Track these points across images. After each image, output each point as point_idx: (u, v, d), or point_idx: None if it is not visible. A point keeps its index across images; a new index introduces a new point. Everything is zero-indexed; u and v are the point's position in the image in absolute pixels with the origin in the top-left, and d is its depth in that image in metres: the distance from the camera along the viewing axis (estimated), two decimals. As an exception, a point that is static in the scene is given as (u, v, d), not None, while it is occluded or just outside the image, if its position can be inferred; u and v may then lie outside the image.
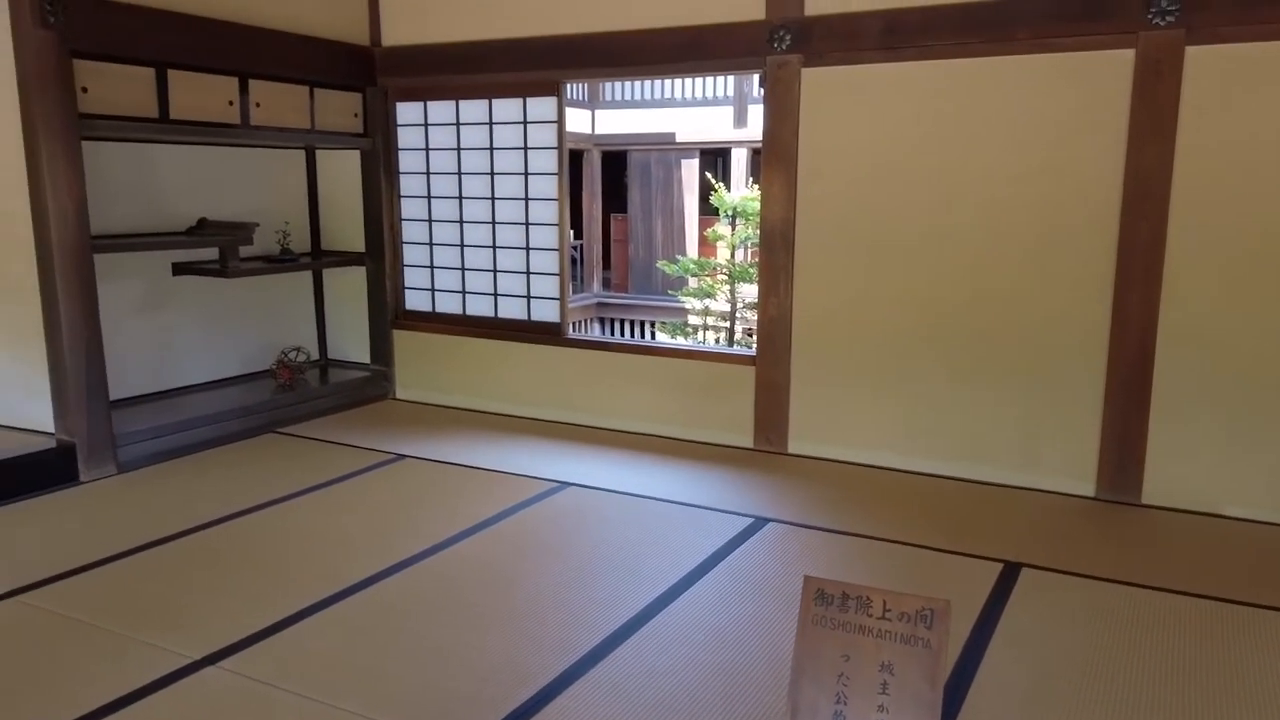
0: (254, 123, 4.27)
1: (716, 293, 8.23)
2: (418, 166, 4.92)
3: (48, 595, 2.67)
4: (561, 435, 4.40)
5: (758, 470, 3.89)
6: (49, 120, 3.45)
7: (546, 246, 4.64)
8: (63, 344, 3.59)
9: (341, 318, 5.29)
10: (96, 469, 3.72)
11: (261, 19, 4.23)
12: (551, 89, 4.46)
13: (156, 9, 3.78)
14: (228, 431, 4.28)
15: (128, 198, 4.25)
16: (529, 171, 4.61)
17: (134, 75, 3.77)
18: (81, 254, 3.60)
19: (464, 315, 4.93)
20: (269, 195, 4.95)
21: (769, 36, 3.81)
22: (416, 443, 4.24)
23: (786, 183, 3.90)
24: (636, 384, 4.43)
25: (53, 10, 3.39)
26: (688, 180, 12.20)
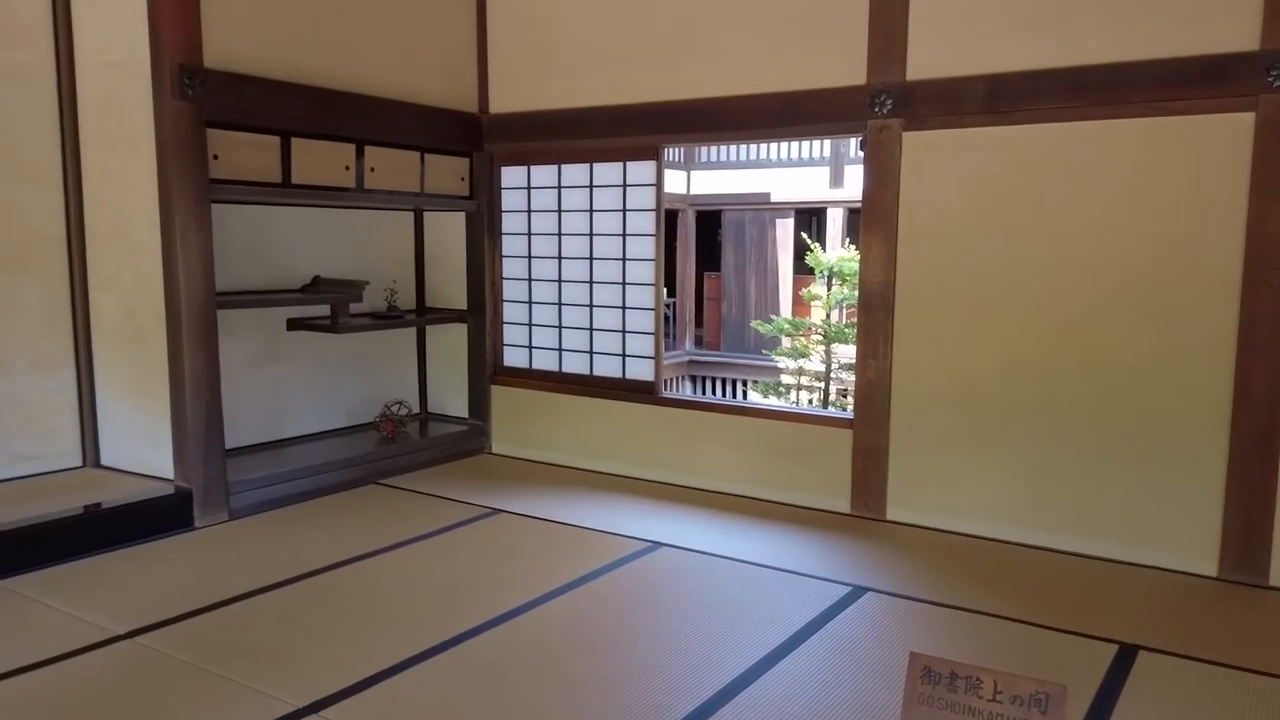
0: (368, 186, 4.48)
1: (811, 353, 8.16)
2: (520, 228, 5.07)
3: (163, 637, 2.78)
4: (654, 494, 4.40)
5: (855, 536, 3.80)
6: (183, 186, 3.69)
7: (642, 306, 4.70)
8: (185, 395, 3.79)
9: (442, 373, 5.43)
10: (210, 515, 3.88)
11: (379, 90, 4.46)
12: (651, 153, 4.56)
13: (283, 81, 4.03)
14: (333, 482, 4.42)
15: (248, 257, 4.48)
16: (627, 233, 4.70)
17: (261, 143, 4.00)
18: (206, 310, 3.81)
19: (560, 372, 5.01)
20: (378, 254, 5.16)
21: (869, 101, 3.82)
22: (512, 498, 4.30)
23: (886, 244, 3.87)
24: (730, 444, 4.41)
25: (191, 84, 3.65)
26: (782, 240, 12.21)
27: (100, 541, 3.55)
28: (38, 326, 4.06)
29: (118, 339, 4.09)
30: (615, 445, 4.76)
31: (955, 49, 3.66)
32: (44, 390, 4.10)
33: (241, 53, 3.85)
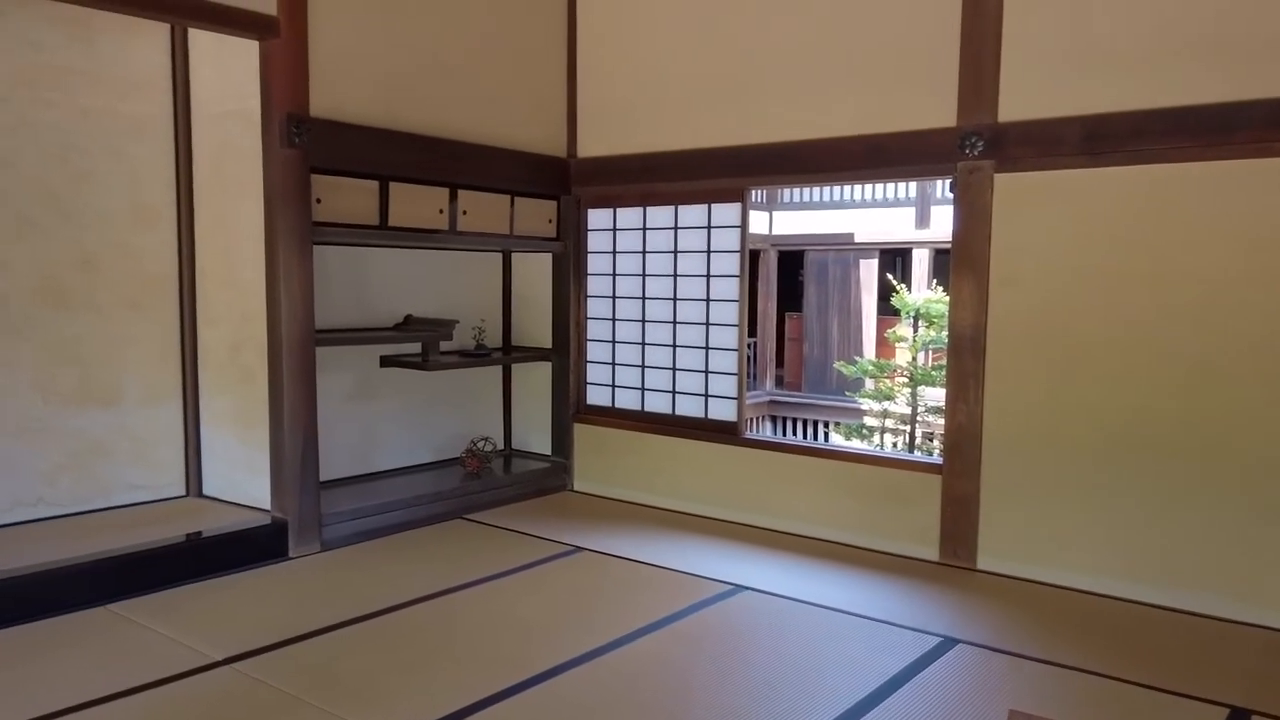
0: (460, 228, 4.61)
1: (896, 395, 8.02)
2: (604, 269, 5.14)
3: (258, 665, 2.87)
4: (735, 535, 4.36)
5: (944, 586, 3.70)
6: (288, 228, 3.86)
7: (725, 347, 4.70)
8: (284, 429, 3.93)
9: (526, 410, 5.51)
10: (304, 546, 3.99)
11: (473, 136, 4.61)
12: (736, 195, 4.59)
13: (384, 129, 4.20)
14: (420, 516, 4.51)
15: (344, 296, 4.65)
16: (711, 274, 4.72)
17: (361, 188, 4.17)
18: (306, 348, 3.96)
19: (642, 411, 5.03)
20: (468, 294, 5.29)
21: (960, 143, 3.78)
22: (593, 536, 4.31)
23: (977, 287, 3.81)
24: (813, 487, 4.35)
25: (298, 132, 3.83)
26: (866, 280, 12.08)
27: (200, 569, 3.68)
28: (149, 362, 4.28)
29: (222, 374, 4.28)
30: (697, 485, 4.74)
31: (1051, 89, 3.61)
32: (153, 422, 4.30)
33: (345, 102, 4.03)
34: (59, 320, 3.99)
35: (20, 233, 3.85)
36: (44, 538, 3.72)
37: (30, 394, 3.91)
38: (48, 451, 3.98)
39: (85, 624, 3.17)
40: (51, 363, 3.97)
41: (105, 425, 4.15)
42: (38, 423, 3.94)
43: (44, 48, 3.87)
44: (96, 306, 4.10)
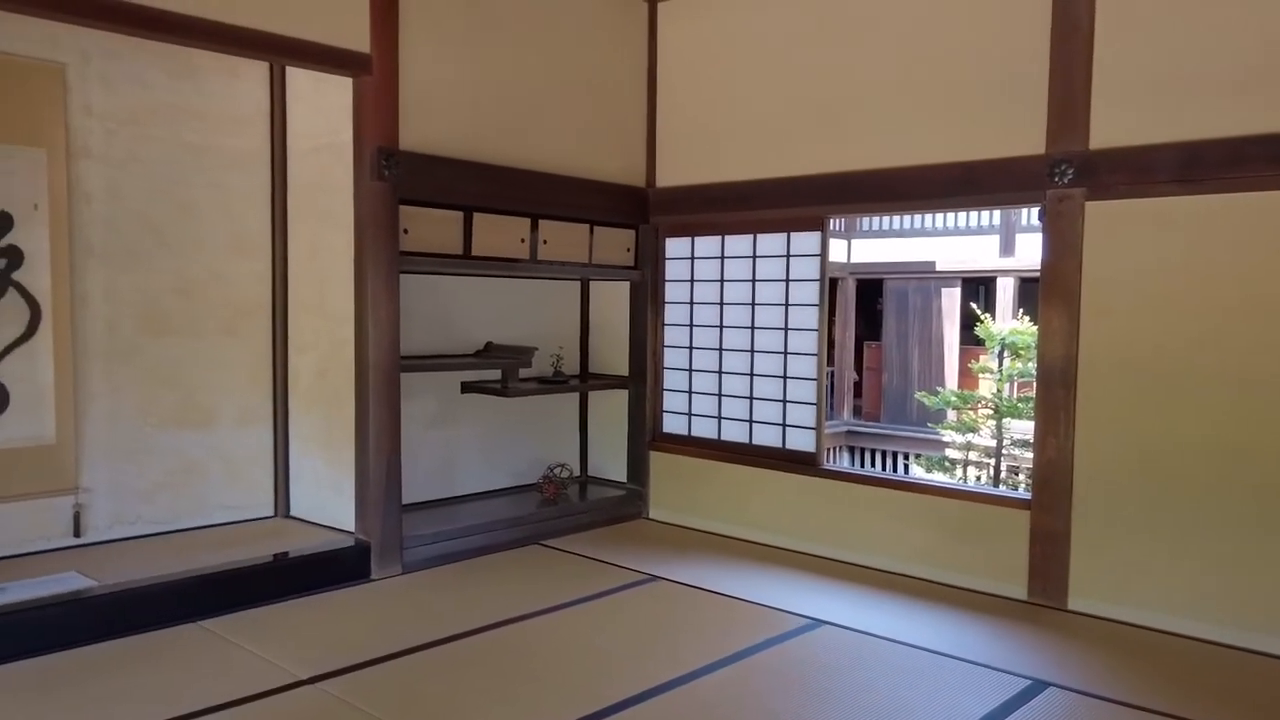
0: (541, 257, 4.68)
1: (980, 428, 7.81)
2: (682, 297, 5.15)
3: (342, 685, 2.92)
4: (813, 568, 4.29)
5: (1032, 626, 3.57)
6: (377, 258, 3.97)
7: (804, 376, 4.66)
8: (369, 452, 4.02)
9: (602, 437, 5.54)
10: (385, 568, 4.07)
11: (554, 167, 4.69)
12: (816, 224, 4.56)
13: (469, 161, 4.30)
14: (497, 541, 4.55)
15: (427, 323, 4.75)
16: (789, 303, 4.69)
17: (446, 218, 4.27)
18: (392, 373, 4.05)
19: (719, 440, 5.00)
20: (546, 322, 5.36)
21: (1049, 170, 3.69)
22: (669, 565, 4.29)
23: (1068, 317, 3.69)
24: (894, 520, 4.26)
25: (388, 165, 3.95)
26: (948, 309, 11.84)
27: (287, 589, 3.78)
28: (242, 386, 4.44)
29: (311, 398, 4.41)
30: (774, 516, 4.69)
31: (1144, 116, 3.50)
32: (245, 444, 4.45)
33: (433, 136, 4.15)
34: (160, 345, 4.17)
35: (127, 263, 4.05)
36: (141, 554, 3.87)
37: (134, 416, 4.09)
38: (148, 471, 4.15)
39: (178, 640, 3.28)
40: (153, 386, 4.15)
41: (201, 446, 4.31)
42: (140, 443, 4.12)
43: (152, 86, 4.08)
44: (195, 332, 4.28)
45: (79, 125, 3.88)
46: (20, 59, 3.68)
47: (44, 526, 3.85)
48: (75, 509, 3.92)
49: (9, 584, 3.40)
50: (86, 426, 3.94)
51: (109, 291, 4.00)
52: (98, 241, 3.96)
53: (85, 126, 3.90)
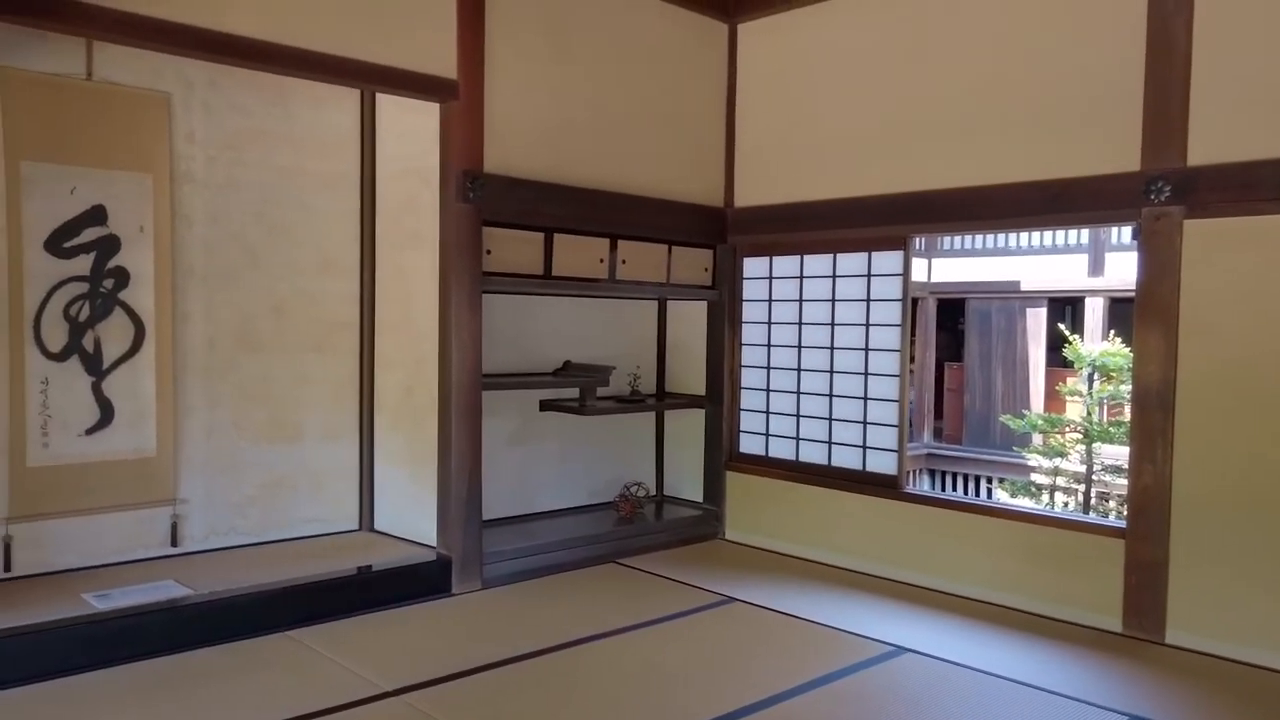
0: (619, 277, 4.72)
1: (1069, 452, 7.56)
2: (760, 317, 5.13)
3: (426, 698, 2.97)
4: (894, 593, 4.20)
5: (1127, 660, 3.43)
6: (461, 278, 4.06)
7: (885, 397, 4.58)
8: (451, 469, 4.09)
9: (679, 457, 5.53)
10: (466, 583, 4.12)
11: (633, 188, 4.73)
12: (897, 244, 4.50)
13: (550, 183, 4.37)
14: (574, 558, 4.57)
15: (507, 342, 4.82)
16: (870, 323, 4.63)
17: (527, 239, 4.34)
18: (474, 391, 4.12)
19: (797, 461, 4.95)
20: (624, 341, 5.39)
21: (1144, 188, 3.58)
22: (746, 586, 4.25)
23: (1165, 339, 3.56)
24: (979, 546, 4.14)
25: (473, 188, 4.04)
26: (1033, 330, 11.51)
27: (370, 601, 3.86)
28: (330, 402, 4.56)
29: (396, 415, 4.51)
30: (853, 539, 4.61)
31: (1246, 132, 3.37)
32: (332, 459, 4.57)
33: (516, 159, 4.23)
34: (253, 362, 4.32)
35: (224, 283, 4.22)
36: (233, 565, 4.00)
37: (229, 430, 4.25)
38: (241, 484, 4.29)
39: (268, 649, 3.38)
40: (246, 401, 4.30)
41: (290, 461, 4.45)
42: (234, 457, 4.26)
43: (249, 113, 4.25)
44: (286, 350, 4.42)
45: (182, 152, 4.06)
46: (129, 89, 3.88)
47: (144, 536, 4.01)
48: (173, 519, 4.07)
49: (112, 590, 3.55)
50: (184, 440, 4.10)
51: (207, 310, 4.17)
52: (197, 262, 4.13)
53: (188, 153, 4.08)
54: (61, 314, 3.73)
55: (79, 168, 3.75)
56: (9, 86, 3.57)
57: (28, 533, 3.69)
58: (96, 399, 3.83)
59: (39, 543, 3.72)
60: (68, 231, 3.73)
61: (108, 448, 3.86)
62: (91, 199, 3.79)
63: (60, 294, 3.73)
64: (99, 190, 3.80)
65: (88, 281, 3.79)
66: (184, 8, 3.26)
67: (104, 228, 3.82)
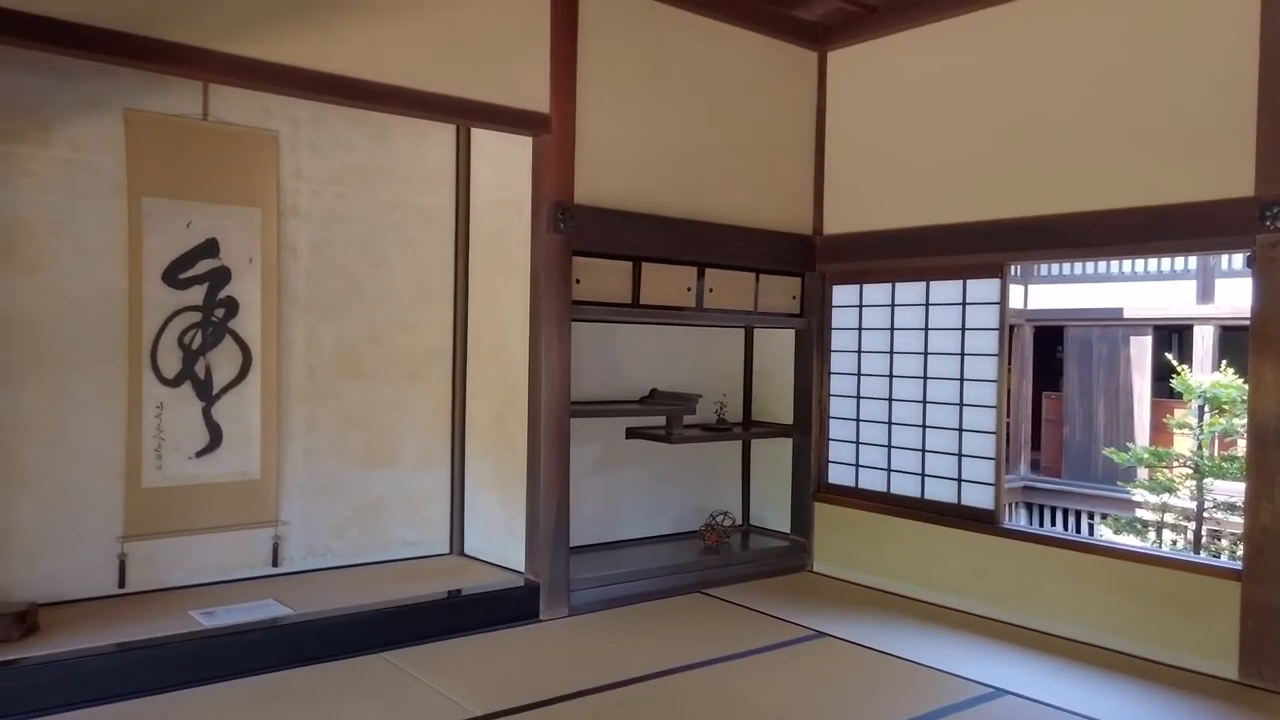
0: (706, 305, 4.72)
1: (1178, 488, 7.21)
2: (849, 345, 5.06)
3: (513, 724, 3.00)
4: (992, 632, 4.06)
5: (1246, 710, 3.23)
6: (551, 307, 4.12)
7: (981, 429, 4.45)
8: (539, 495, 4.14)
9: (765, 486, 5.47)
10: (553, 609, 4.15)
11: (720, 217, 4.74)
12: (994, 271, 4.39)
13: (638, 213, 4.41)
14: (660, 587, 4.56)
15: (595, 370, 4.86)
16: (965, 352, 4.52)
17: (616, 268, 4.39)
18: (562, 419, 4.17)
19: (888, 493, 4.84)
20: (710, 369, 5.38)
21: (1259, 214, 3.42)
22: (835, 621, 4.16)
23: (1283, 371, 3.38)
24: (1082, 585, 3.97)
25: (563, 218, 4.11)
26: (1137, 359, 11.04)
27: (460, 625, 3.92)
28: (424, 428, 4.68)
29: (486, 442, 4.59)
30: (948, 575, 4.47)
31: (1371, 150, 3.20)
32: (424, 484, 4.68)
33: (605, 189, 4.29)
34: (352, 389, 4.46)
35: (326, 312, 4.38)
36: (330, 586, 4.11)
37: (328, 455, 4.39)
38: (338, 507, 4.42)
39: (363, 670, 3.45)
40: (344, 427, 4.44)
41: (385, 485, 4.56)
42: (332, 480, 4.40)
43: (353, 149, 4.42)
44: (383, 377, 4.55)
45: (289, 186, 4.24)
46: (241, 128, 4.09)
47: (247, 556, 4.16)
48: (274, 540, 4.22)
49: (216, 608, 3.70)
50: (285, 463, 4.25)
51: (310, 338, 4.33)
52: (301, 292, 4.30)
53: (294, 188, 4.26)
54: (176, 342, 3.92)
55: (194, 203, 3.96)
56: (133, 127, 3.80)
57: (141, 551, 3.87)
58: (206, 423, 4.01)
59: (151, 561, 3.90)
60: (183, 263, 3.94)
61: (215, 470, 4.03)
62: (205, 232, 3.99)
63: (175, 323, 3.92)
64: (212, 224, 4.00)
65: (200, 311, 3.99)
66: (293, 51, 3.43)
67: (216, 259, 4.02)
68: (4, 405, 3.58)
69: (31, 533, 3.64)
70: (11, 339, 3.59)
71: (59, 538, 3.69)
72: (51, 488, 3.68)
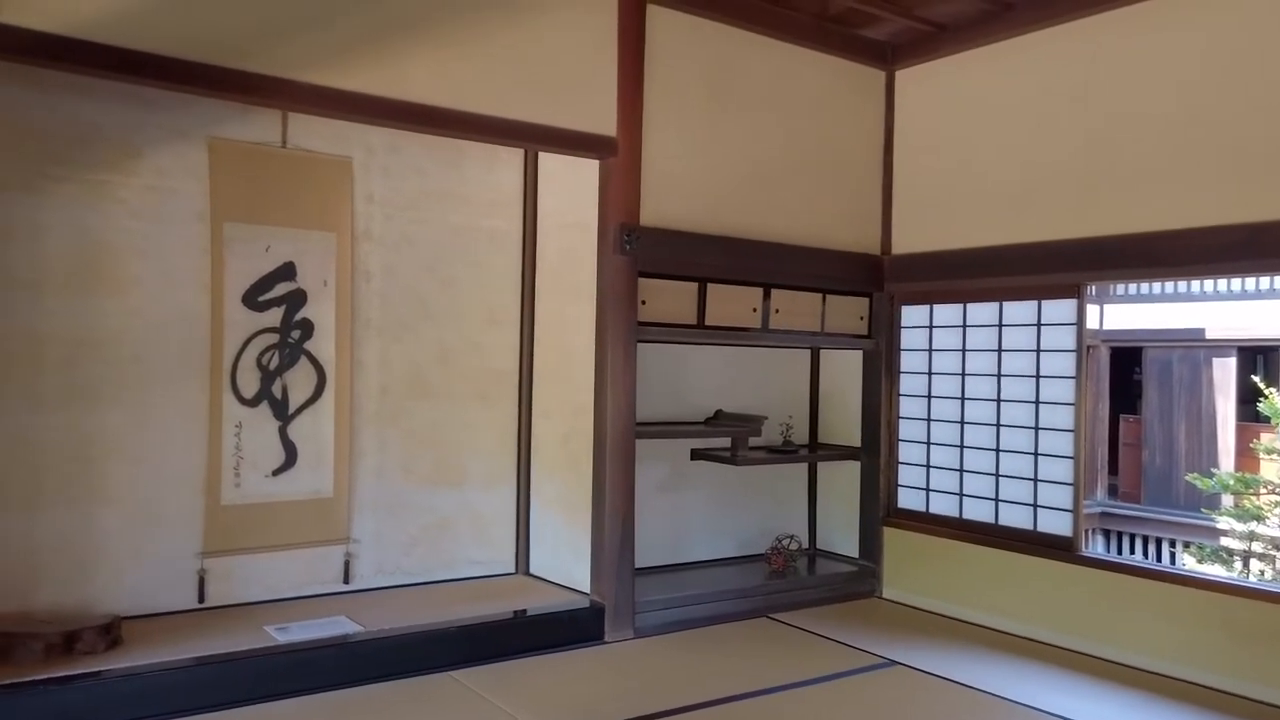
0: (772, 326, 4.69)
1: (1267, 516, 6.90)
2: (919, 367, 4.97)
3: (579, 747, 2.98)
4: (1069, 663, 3.92)
5: (1349, 754, 3.06)
6: (616, 328, 4.14)
7: (1058, 454, 4.32)
8: (605, 516, 4.14)
9: (832, 510, 5.39)
10: (618, 631, 4.13)
11: (786, 237, 4.71)
12: (1070, 291, 4.27)
13: (704, 235, 4.41)
14: (726, 610, 4.51)
15: (659, 391, 4.84)
16: (1040, 374, 4.40)
17: (681, 289, 4.39)
18: (628, 439, 4.17)
19: (960, 518, 4.73)
20: (775, 390, 5.33)
21: (1356, 229, 3.28)
22: (906, 649, 4.07)
23: (1384, 396, 3.22)
24: (1165, 616, 3.82)
25: (629, 240, 4.13)
26: (1220, 381, 10.63)
27: (526, 645, 3.92)
28: (491, 448, 4.72)
29: (552, 462, 4.61)
30: (1024, 604, 4.34)
31: None
32: (491, 503, 4.71)
33: (670, 211, 4.30)
34: (422, 408, 4.52)
35: (398, 333, 4.45)
36: (399, 603, 4.16)
37: (398, 473, 4.45)
38: (407, 525, 4.48)
39: (431, 688, 3.48)
40: (414, 446, 4.50)
41: (453, 504, 4.61)
42: (402, 499, 4.46)
43: (424, 174, 4.51)
44: (451, 397, 4.61)
45: (362, 211, 4.34)
46: (318, 155, 4.20)
47: (319, 572, 4.24)
48: (346, 558, 4.29)
49: (290, 624, 3.77)
50: (357, 482, 4.33)
51: (382, 359, 4.41)
52: (374, 314, 4.38)
53: (367, 212, 4.36)
54: (255, 363, 4.03)
55: (273, 227, 4.07)
56: (216, 155, 3.94)
57: (219, 567, 3.96)
58: (282, 442, 4.10)
59: (228, 576, 3.99)
60: (262, 286, 4.05)
61: (291, 488, 4.12)
62: (283, 256, 4.10)
63: (254, 344, 4.03)
64: (290, 248, 4.11)
65: (278, 333, 4.09)
66: (369, 80, 3.52)
67: (293, 282, 4.12)
68: (92, 424, 3.71)
69: (117, 547, 3.75)
70: (100, 360, 3.73)
71: (142, 553, 3.80)
72: (136, 504, 3.79)
